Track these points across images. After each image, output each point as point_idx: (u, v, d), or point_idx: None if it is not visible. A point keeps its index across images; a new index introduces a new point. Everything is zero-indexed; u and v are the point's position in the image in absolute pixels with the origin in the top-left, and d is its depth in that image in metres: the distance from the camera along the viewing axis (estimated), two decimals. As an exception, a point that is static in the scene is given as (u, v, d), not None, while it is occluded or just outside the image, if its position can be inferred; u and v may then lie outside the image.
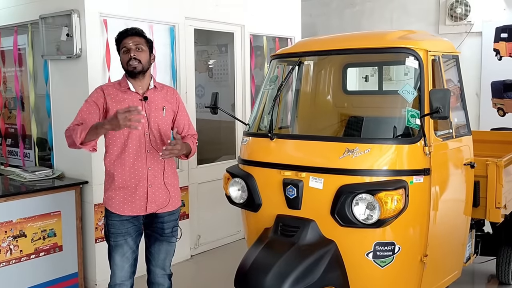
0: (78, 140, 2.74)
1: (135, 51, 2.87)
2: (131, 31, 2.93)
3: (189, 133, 3.16)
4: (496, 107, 6.76)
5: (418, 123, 2.90)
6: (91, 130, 2.73)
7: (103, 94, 2.91)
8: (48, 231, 3.93)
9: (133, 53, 2.87)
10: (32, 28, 4.51)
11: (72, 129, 2.80)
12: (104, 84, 3.06)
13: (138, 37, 2.92)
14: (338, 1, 7.99)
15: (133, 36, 2.91)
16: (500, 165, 3.53)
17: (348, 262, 2.90)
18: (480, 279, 4.52)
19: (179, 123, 3.12)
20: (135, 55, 2.87)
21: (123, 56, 2.91)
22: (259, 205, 3.15)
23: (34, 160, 4.75)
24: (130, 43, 2.88)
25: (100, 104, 2.89)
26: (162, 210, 3.00)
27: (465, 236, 3.57)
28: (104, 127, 2.68)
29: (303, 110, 4.20)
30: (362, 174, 2.85)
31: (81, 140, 2.74)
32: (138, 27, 3.01)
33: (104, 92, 2.92)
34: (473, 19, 6.75)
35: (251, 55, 5.54)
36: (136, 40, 2.90)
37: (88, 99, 2.94)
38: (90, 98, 2.94)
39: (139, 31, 2.96)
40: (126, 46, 2.89)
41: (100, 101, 2.89)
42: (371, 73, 5.10)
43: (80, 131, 2.74)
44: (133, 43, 2.88)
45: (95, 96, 2.92)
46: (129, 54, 2.87)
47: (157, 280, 3.11)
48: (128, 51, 2.88)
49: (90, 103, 2.90)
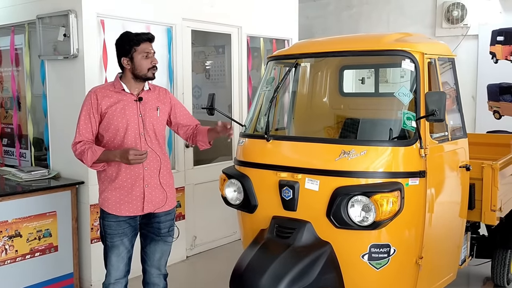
0: (89, 164, 2.86)
1: (154, 58, 2.93)
2: (152, 37, 2.97)
3: (196, 123, 3.22)
4: (492, 110, 6.79)
5: (414, 125, 2.91)
6: (100, 157, 2.83)
7: (96, 99, 2.90)
8: (43, 231, 3.93)
9: (155, 61, 2.93)
10: (29, 28, 4.50)
11: (81, 151, 2.87)
12: (97, 87, 3.02)
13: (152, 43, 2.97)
14: (335, 3, 8.00)
15: (151, 43, 2.96)
16: (496, 168, 3.54)
17: (343, 264, 2.91)
18: (475, 281, 4.53)
19: (181, 115, 3.16)
20: (156, 62, 2.93)
21: (143, 61, 2.90)
22: (255, 206, 3.15)
23: (30, 160, 4.74)
24: (151, 49, 2.93)
25: (96, 110, 2.89)
26: (159, 210, 3.00)
27: (460, 239, 3.57)
28: (115, 159, 2.82)
29: (300, 112, 4.21)
30: (358, 176, 2.86)
31: (91, 164, 2.85)
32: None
33: (98, 96, 2.91)
34: (469, 22, 6.77)
35: (248, 57, 5.54)
36: (152, 46, 2.96)
37: (83, 107, 2.93)
38: (85, 105, 2.92)
39: (154, 38, 2.99)
40: (147, 51, 2.91)
41: (94, 108, 2.89)
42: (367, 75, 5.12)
43: (90, 156, 2.83)
44: (152, 49, 2.94)
45: (88, 103, 2.91)
46: (150, 60, 2.91)
47: (153, 280, 3.11)
48: (149, 57, 2.91)
49: (85, 115, 2.91)
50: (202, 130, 3.14)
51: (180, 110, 3.18)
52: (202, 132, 3.13)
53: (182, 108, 3.22)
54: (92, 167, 2.89)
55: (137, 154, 2.73)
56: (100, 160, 2.85)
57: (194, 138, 3.16)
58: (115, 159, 2.80)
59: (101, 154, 2.83)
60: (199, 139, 3.13)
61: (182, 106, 3.24)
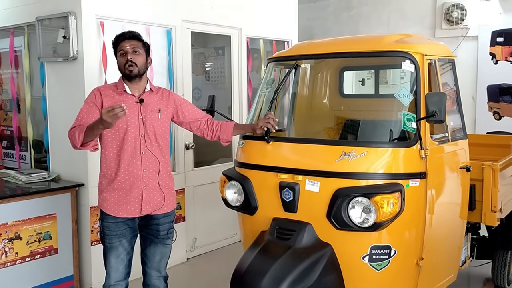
0: (78, 143, 2.78)
1: (132, 54, 2.89)
2: (128, 34, 2.95)
3: (208, 117, 3.23)
4: (492, 110, 6.79)
5: (414, 126, 2.91)
6: (87, 131, 2.75)
7: (100, 96, 2.93)
8: (43, 233, 3.92)
9: (130, 56, 2.88)
10: (28, 30, 4.50)
11: (72, 132, 2.83)
12: (101, 86, 3.08)
13: (135, 41, 2.94)
14: (335, 5, 8.01)
15: (130, 40, 2.93)
16: (496, 168, 3.54)
17: (344, 265, 2.90)
18: (476, 282, 4.52)
19: (189, 113, 3.16)
20: (132, 58, 2.88)
21: (120, 59, 2.93)
22: (255, 208, 3.15)
23: (30, 163, 4.74)
24: (127, 46, 2.90)
25: (99, 104, 2.91)
26: (157, 212, 3.00)
27: (461, 240, 3.57)
28: (99, 128, 2.70)
29: (300, 113, 4.20)
30: (358, 178, 2.85)
31: (80, 142, 2.78)
32: (135, 31, 3.02)
33: (101, 93, 2.95)
34: (469, 23, 6.78)
35: (248, 58, 5.54)
36: (133, 44, 2.92)
37: (87, 100, 2.96)
38: (88, 99, 2.96)
39: (136, 35, 2.97)
40: (123, 49, 2.91)
41: (98, 102, 2.91)
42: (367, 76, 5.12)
43: (78, 133, 2.77)
44: (130, 46, 2.90)
45: (93, 97, 2.95)
46: (125, 57, 2.89)
47: (153, 282, 3.10)
48: (125, 54, 2.89)
49: (90, 104, 2.92)
50: (227, 128, 3.19)
51: (188, 108, 3.17)
52: (227, 130, 3.19)
53: (189, 105, 3.22)
54: (83, 146, 2.80)
55: (109, 110, 2.53)
56: (87, 135, 2.75)
57: (214, 135, 3.20)
58: (98, 126, 2.67)
59: (86, 128, 2.74)
60: (223, 137, 3.21)
61: (189, 103, 3.24)
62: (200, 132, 3.23)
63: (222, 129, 3.19)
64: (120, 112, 2.54)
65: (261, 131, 3.15)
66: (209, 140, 3.28)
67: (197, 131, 3.23)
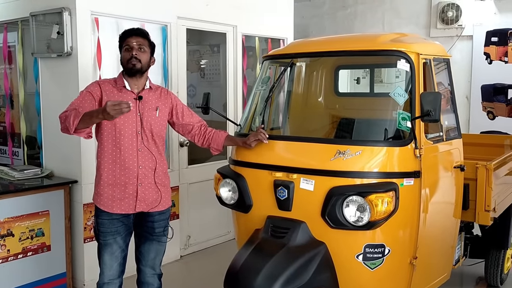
0: (72, 128, 2.74)
1: (137, 51, 2.89)
2: (137, 31, 2.96)
3: (202, 123, 3.20)
4: (486, 110, 6.82)
5: (409, 125, 2.91)
6: (84, 118, 2.72)
7: (99, 88, 2.92)
8: (36, 230, 3.90)
9: (135, 52, 2.89)
10: (22, 26, 4.47)
11: (66, 115, 2.78)
12: (100, 80, 3.09)
13: (142, 38, 2.94)
14: (330, 3, 8.01)
15: (138, 36, 2.93)
16: (490, 168, 3.55)
17: (338, 264, 2.90)
18: (469, 281, 4.54)
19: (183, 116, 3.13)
20: (137, 54, 2.88)
21: (124, 54, 2.92)
22: (250, 206, 3.14)
23: (23, 159, 4.71)
24: (133, 42, 2.90)
25: (96, 95, 2.89)
26: (152, 210, 2.99)
27: (454, 239, 3.58)
28: (98, 117, 2.68)
29: (295, 112, 4.20)
30: (353, 176, 2.85)
31: (74, 128, 2.74)
32: (144, 29, 3.04)
33: (101, 86, 2.93)
34: (464, 22, 6.80)
35: (243, 56, 5.53)
36: (139, 40, 2.92)
37: (86, 89, 2.94)
38: (88, 88, 2.94)
39: (144, 32, 2.98)
40: (129, 44, 2.90)
41: (96, 93, 2.89)
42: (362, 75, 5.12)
43: (73, 118, 2.72)
44: (137, 43, 2.91)
45: (91, 88, 2.93)
46: (130, 53, 2.88)
47: (147, 279, 3.10)
48: (130, 50, 2.89)
49: (86, 94, 2.90)
50: (218, 138, 3.15)
51: (182, 110, 3.15)
52: (218, 140, 3.15)
53: (185, 108, 3.19)
54: (76, 132, 2.77)
55: (115, 104, 2.55)
56: (84, 121, 2.72)
57: (204, 142, 3.17)
58: (98, 116, 2.66)
59: (84, 114, 2.71)
60: (214, 146, 3.16)
61: (185, 106, 3.21)
62: (191, 137, 3.19)
63: (214, 138, 3.15)
64: (125, 108, 2.56)
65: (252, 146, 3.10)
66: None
67: (188, 135, 3.19)
